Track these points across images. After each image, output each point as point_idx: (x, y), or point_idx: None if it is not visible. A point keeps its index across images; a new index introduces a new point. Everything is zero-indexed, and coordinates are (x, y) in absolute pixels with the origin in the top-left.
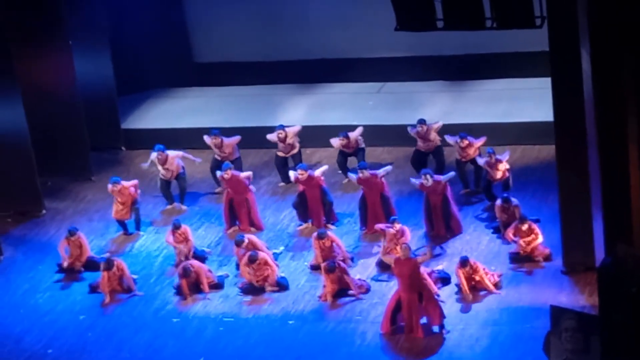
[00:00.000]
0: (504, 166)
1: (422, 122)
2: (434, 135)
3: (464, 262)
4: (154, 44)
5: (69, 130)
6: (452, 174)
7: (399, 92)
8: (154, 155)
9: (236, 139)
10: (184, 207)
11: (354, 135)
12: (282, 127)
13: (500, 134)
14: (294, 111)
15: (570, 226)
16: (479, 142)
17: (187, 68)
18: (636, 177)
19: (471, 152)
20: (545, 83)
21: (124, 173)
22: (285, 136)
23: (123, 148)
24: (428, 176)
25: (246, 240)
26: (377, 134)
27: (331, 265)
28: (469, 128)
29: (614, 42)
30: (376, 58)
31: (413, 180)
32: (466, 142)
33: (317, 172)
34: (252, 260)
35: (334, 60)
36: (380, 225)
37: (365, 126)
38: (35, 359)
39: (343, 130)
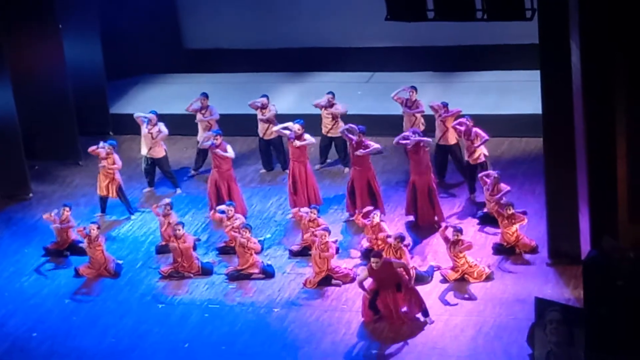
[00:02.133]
0: (480, 151)
1: (414, 88)
2: (419, 112)
3: (459, 229)
4: (144, 29)
5: (58, 115)
6: (429, 140)
7: (388, 82)
8: (146, 117)
9: None
10: (178, 191)
11: (339, 107)
12: (266, 96)
13: (488, 126)
14: (283, 99)
15: (557, 219)
16: (456, 111)
17: (176, 54)
18: (623, 171)
19: (449, 125)
20: (535, 76)
21: None
22: (267, 105)
23: (111, 133)
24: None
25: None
26: (366, 124)
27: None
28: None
29: (603, 35)
30: (366, 48)
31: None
32: (445, 108)
33: None
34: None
35: (323, 49)
36: (361, 219)
37: (353, 116)
38: (19, 342)
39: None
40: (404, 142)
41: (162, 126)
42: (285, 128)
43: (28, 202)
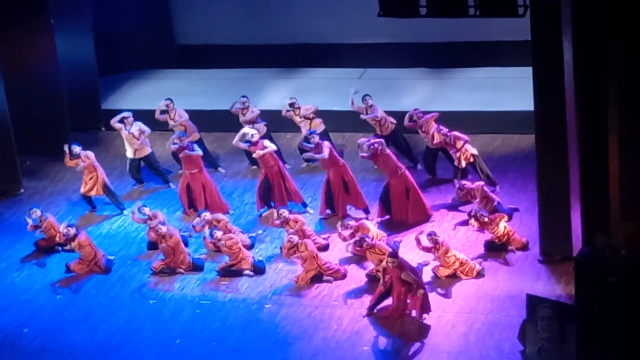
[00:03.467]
0: (465, 152)
1: (368, 96)
2: (381, 114)
3: (430, 234)
4: (137, 25)
5: (49, 110)
6: (381, 140)
7: (380, 78)
8: (127, 114)
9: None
10: (172, 186)
11: (308, 107)
12: (245, 96)
13: (481, 123)
14: (275, 95)
15: (549, 215)
16: (431, 116)
17: (169, 50)
18: (615, 168)
19: (430, 130)
20: (527, 72)
21: (103, 153)
22: (247, 104)
23: (103, 129)
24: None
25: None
26: (357, 120)
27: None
28: (450, 116)
29: (596, 32)
30: (358, 44)
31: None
32: (420, 114)
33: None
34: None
35: (316, 45)
36: (342, 234)
37: (345, 112)
38: (11, 338)
39: (324, 115)
40: (363, 155)
41: (141, 125)
42: (243, 136)
43: (19, 197)
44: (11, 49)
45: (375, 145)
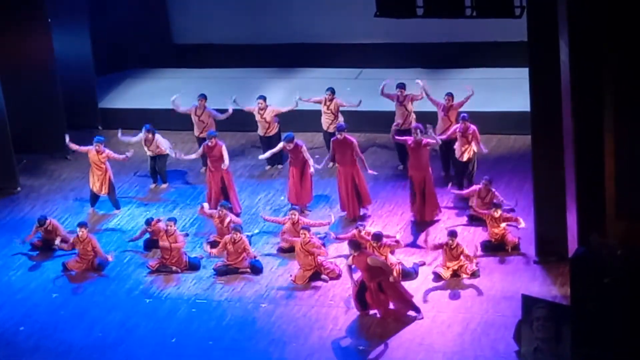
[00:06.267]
0: (471, 148)
1: (401, 86)
2: (410, 107)
3: (452, 232)
4: (133, 24)
5: (46, 108)
6: (433, 141)
7: (377, 78)
8: (142, 135)
9: None
10: (164, 185)
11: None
12: (263, 97)
13: (476, 123)
14: (272, 95)
15: (544, 216)
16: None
17: (165, 49)
18: (611, 169)
19: (453, 119)
20: (523, 73)
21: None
22: (265, 107)
23: (100, 127)
24: (418, 130)
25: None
26: (355, 120)
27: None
28: None
29: (592, 33)
30: (355, 44)
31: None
32: (450, 99)
33: None
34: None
35: (313, 45)
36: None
37: (342, 112)
38: (6, 336)
39: (320, 114)
40: (402, 138)
41: (159, 141)
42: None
43: (16, 196)
44: (8, 47)
45: (432, 142)
